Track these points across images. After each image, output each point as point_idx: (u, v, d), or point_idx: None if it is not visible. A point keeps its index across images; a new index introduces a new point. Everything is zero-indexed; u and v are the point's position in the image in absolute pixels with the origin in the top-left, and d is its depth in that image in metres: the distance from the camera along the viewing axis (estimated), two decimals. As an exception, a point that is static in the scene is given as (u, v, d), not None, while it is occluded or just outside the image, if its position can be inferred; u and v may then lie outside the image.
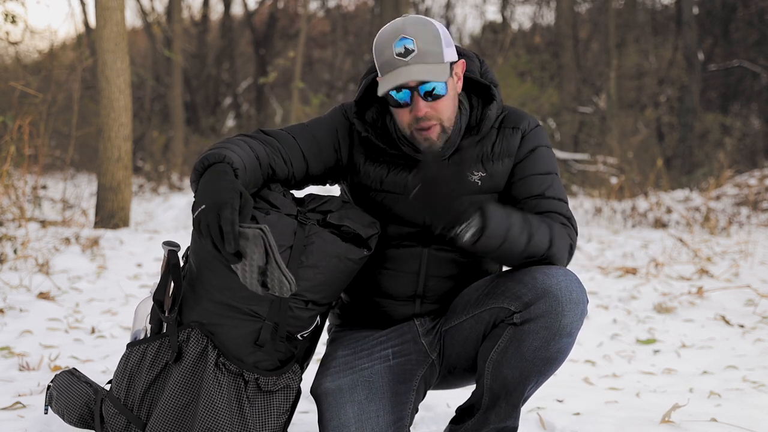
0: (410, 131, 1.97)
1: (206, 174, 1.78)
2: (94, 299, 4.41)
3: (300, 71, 14.01)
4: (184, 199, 10.81)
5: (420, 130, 1.95)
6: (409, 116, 1.94)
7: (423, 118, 1.93)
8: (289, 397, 1.96)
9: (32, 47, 11.46)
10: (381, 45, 1.93)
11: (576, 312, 1.85)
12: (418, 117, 1.93)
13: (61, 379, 2.10)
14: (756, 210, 9.62)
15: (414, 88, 1.91)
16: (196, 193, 1.76)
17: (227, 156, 1.81)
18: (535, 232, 1.86)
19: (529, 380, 1.92)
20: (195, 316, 1.92)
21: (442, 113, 1.95)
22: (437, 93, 1.92)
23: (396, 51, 1.89)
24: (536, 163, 2.03)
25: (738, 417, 2.57)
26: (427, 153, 1.96)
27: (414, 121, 1.94)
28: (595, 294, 4.88)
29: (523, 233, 1.84)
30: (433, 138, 1.96)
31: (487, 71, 2.08)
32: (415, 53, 1.89)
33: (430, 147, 1.97)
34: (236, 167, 1.81)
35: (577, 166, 14.05)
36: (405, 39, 1.89)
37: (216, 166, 1.79)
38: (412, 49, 1.89)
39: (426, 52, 1.89)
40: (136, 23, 22.48)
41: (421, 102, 1.92)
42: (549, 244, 1.88)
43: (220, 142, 1.93)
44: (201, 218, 1.69)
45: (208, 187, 1.74)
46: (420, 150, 1.99)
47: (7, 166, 5.59)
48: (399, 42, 1.89)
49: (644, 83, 17.95)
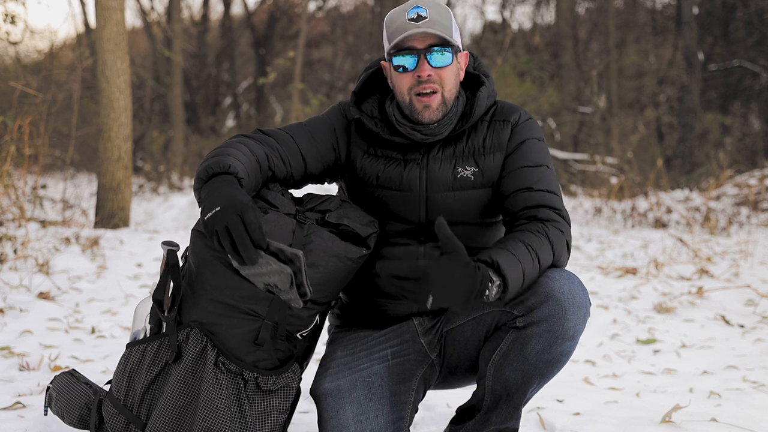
0: (409, 97, 1.98)
1: (212, 182, 1.77)
2: (94, 299, 4.41)
3: (300, 71, 14.01)
4: (184, 199, 10.82)
5: (420, 96, 1.96)
6: (411, 79, 1.96)
7: (426, 80, 1.94)
8: (288, 396, 1.95)
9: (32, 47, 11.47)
10: (394, 14, 1.99)
11: (579, 316, 1.85)
12: (421, 79, 1.94)
13: (60, 380, 2.10)
14: (756, 210, 9.62)
15: (421, 52, 1.94)
16: (204, 199, 1.75)
17: (232, 166, 1.81)
18: (541, 255, 1.84)
19: (531, 383, 1.92)
20: (194, 315, 1.92)
21: (445, 81, 1.97)
22: (444, 59, 1.95)
23: (409, 16, 1.95)
24: (526, 156, 2.02)
25: (738, 417, 2.56)
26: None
27: (416, 83, 1.96)
28: (595, 294, 4.88)
29: (534, 263, 1.82)
30: (432, 107, 1.97)
31: (480, 65, 2.11)
32: (427, 19, 1.94)
33: (428, 116, 1.97)
34: (240, 177, 1.80)
35: (577, 166, 14.05)
36: (419, 8, 1.95)
37: (221, 177, 1.79)
38: (425, 16, 1.94)
39: (437, 22, 1.94)
40: (136, 23, 22.50)
41: (426, 65, 1.95)
42: (553, 255, 1.87)
43: (221, 146, 1.92)
44: (218, 219, 1.67)
45: (218, 192, 1.73)
46: (418, 120, 1.97)
47: (7, 166, 5.59)
48: (413, 9, 1.95)
49: (644, 83, 17.96)
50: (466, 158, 2.03)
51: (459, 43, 2.01)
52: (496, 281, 1.72)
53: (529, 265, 1.80)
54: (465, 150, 2.03)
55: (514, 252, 1.79)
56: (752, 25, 17.16)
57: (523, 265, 1.79)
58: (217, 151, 1.89)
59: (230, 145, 1.93)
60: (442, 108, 1.98)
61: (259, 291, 1.88)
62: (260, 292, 1.88)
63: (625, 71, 17.65)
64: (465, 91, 2.08)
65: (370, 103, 2.09)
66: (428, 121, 1.98)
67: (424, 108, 1.97)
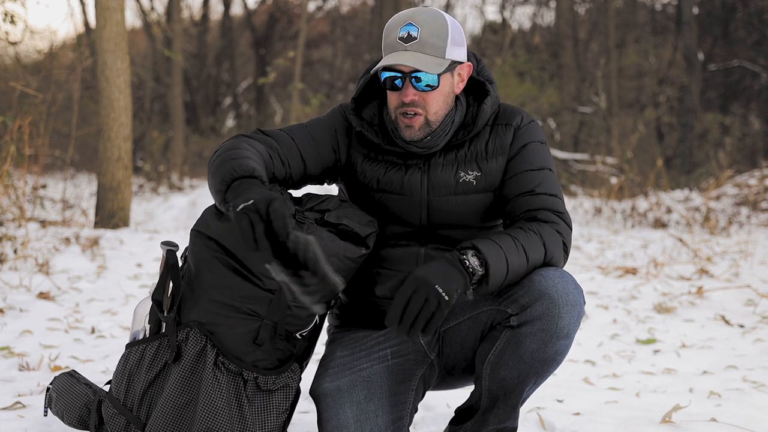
0: (395, 115, 1.99)
1: (238, 184, 1.78)
2: (94, 299, 4.41)
3: (300, 71, 14.01)
4: (184, 199, 10.81)
5: (404, 116, 1.97)
6: (397, 99, 1.97)
7: (409, 104, 1.95)
8: (288, 396, 1.95)
9: (32, 47, 11.45)
10: (389, 27, 1.97)
11: (573, 314, 1.85)
12: (404, 102, 1.95)
13: (60, 381, 2.10)
14: (756, 210, 9.63)
15: (407, 75, 1.93)
16: (234, 193, 1.76)
17: (256, 170, 1.82)
18: (528, 248, 1.84)
19: (527, 382, 1.92)
20: (194, 315, 1.92)
21: (429, 105, 1.96)
22: (427, 83, 1.93)
23: (399, 35, 1.93)
24: (528, 159, 2.02)
25: (738, 417, 2.56)
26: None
27: (400, 105, 1.97)
28: (595, 294, 4.88)
29: (520, 254, 1.83)
30: (414, 128, 1.97)
31: (484, 69, 2.09)
32: (416, 41, 1.92)
33: (409, 136, 1.98)
34: (264, 181, 1.82)
35: (577, 166, 14.05)
36: (411, 26, 1.93)
37: (247, 180, 1.80)
38: (415, 37, 1.92)
39: (427, 43, 1.92)
40: (136, 23, 22.50)
41: (410, 88, 1.94)
42: (544, 251, 1.87)
43: (232, 147, 1.91)
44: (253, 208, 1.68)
45: (249, 187, 1.75)
46: (403, 137, 1.99)
47: (7, 166, 5.58)
48: (405, 27, 1.93)
49: (644, 83, 17.96)
50: (469, 162, 2.03)
51: (459, 58, 1.97)
52: (472, 256, 1.77)
53: (513, 254, 1.81)
54: (467, 154, 2.04)
55: (496, 241, 1.82)
56: (752, 25, 17.16)
57: (507, 253, 1.80)
58: (231, 154, 1.87)
59: (240, 147, 1.92)
60: (425, 129, 1.98)
61: (258, 291, 1.88)
62: (259, 292, 1.88)
63: (625, 71, 17.64)
64: (467, 97, 2.07)
65: (371, 109, 2.09)
66: (409, 140, 1.99)
67: (406, 127, 1.98)
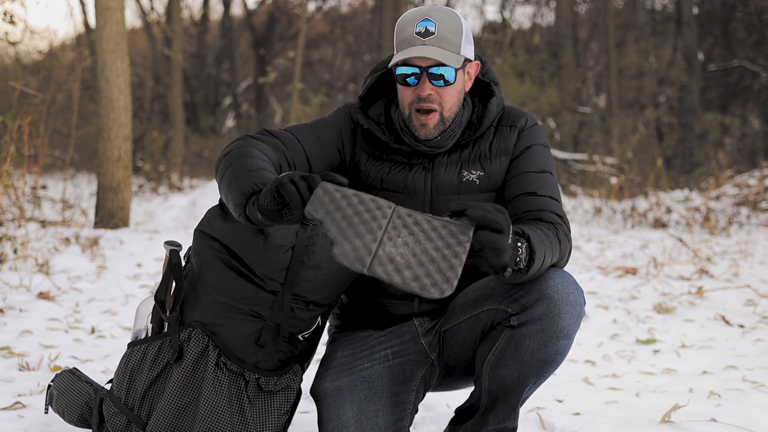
0: (409, 111, 1.99)
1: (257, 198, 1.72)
2: (94, 299, 4.41)
3: (300, 71, 14.02)
4: (183, 199, 10.82)
5: (419, 112, 1.97)
6: (412, 95, 1.97)
7: (425, 99, 1.95)
8: (289, 397, 1.96)
9: (32, 47, 11.46)
10: (403, 23, 1.97)
11: (573, 314, 1.85)
12: (421, 96, 1.95)
13: (61, 379, 2.10)
14: (756, 210, 9.63)
15: (424, 69, 1.93)
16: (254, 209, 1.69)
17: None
18: (555, 249, 1.82)
19: (527, 382, 1.92)
20: (196, 315, 1.92)
21: (445, 101, 1.97)
22: (445, 78, 1.94)
23: (417, 30, 1.93)
24: (531, 161, 2.03)
25: (738, 417, 2.57)
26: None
27: (416, 100, 1.96)
28: (595, 294, 4.88)
29: (550, 254, 1.79)
30: (429, 126, 1.98)
31: (489, 70, 2.11)
32: (434, 36, 1.92)
33: (424, 134, 1.97)
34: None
35: (577, 166, 14.05)
36: (428, 21, 1.93)
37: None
38: (433, 32, 1.92)
39: (444, 39, 1.93)
40: (136, 23, 22.50)
41: (427, 83, 1.94)
42: (559, 254, 1.86)
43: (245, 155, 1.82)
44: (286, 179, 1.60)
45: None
46: (417, 136, 1.98)
47: (7, 166, 5.59)
48: (422, 22, 1.94)
49: (644, 83, 17.96)
50: (473, 162, 2.04)
51: (470, 55, 2.00)
52: (525, 249, 1.69)
53: (549, 252, 1.79)
54: (471, 154, 2.05)
55: (537, 233, 1.76)
56: (752, 25, 17.16)
57: (545, 248, 1.77)
58: (246, 163, 1.79)
59: (251, 155, 1.83)
60: (440, 126, 1.99)
61: (261, 293, 1.89)
62: (262, 294, 1.89)
63: (625, 71, 17.65)
64: (473, 98, 2.09)
65: (377, 108, 2.09)
66: (424, 138, 2.00)
67: (421, 126, 1.98)
